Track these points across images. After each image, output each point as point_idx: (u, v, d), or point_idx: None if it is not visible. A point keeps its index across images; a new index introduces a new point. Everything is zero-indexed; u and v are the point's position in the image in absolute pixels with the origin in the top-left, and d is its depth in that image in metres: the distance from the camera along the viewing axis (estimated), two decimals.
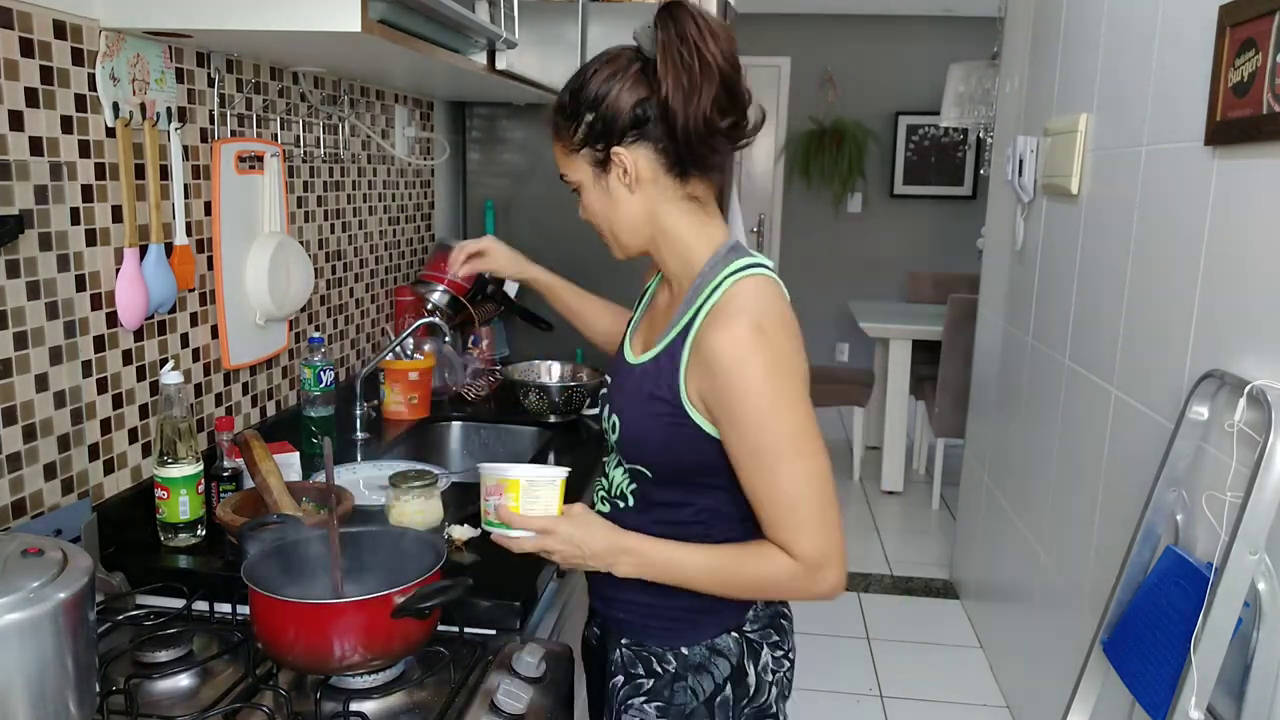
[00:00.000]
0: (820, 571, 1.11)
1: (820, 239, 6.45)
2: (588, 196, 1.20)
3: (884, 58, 6.20)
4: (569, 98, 1.17)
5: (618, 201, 1.18)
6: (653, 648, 1.25)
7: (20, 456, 1.26)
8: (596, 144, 1.16)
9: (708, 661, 1.23)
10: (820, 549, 1.11)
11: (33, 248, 1.26)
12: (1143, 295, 1.97)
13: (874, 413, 5.01)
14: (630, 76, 1.13)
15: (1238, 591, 1.38)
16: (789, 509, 1.11)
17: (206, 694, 1.11)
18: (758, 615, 1.25)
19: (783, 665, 1.28)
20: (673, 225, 1.19)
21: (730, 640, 1.23)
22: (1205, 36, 1.69)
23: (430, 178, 2.70)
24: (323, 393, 1.89)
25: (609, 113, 1.14)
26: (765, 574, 1.14)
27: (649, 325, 1.28)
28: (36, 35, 1.25)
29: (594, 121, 1.15)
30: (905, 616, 3.38)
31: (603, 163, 1.16)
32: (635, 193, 1.17)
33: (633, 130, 1.14)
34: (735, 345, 1.09)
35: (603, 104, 1.14)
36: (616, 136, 1.15)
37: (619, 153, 1.15)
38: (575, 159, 1.18)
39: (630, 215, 1.19)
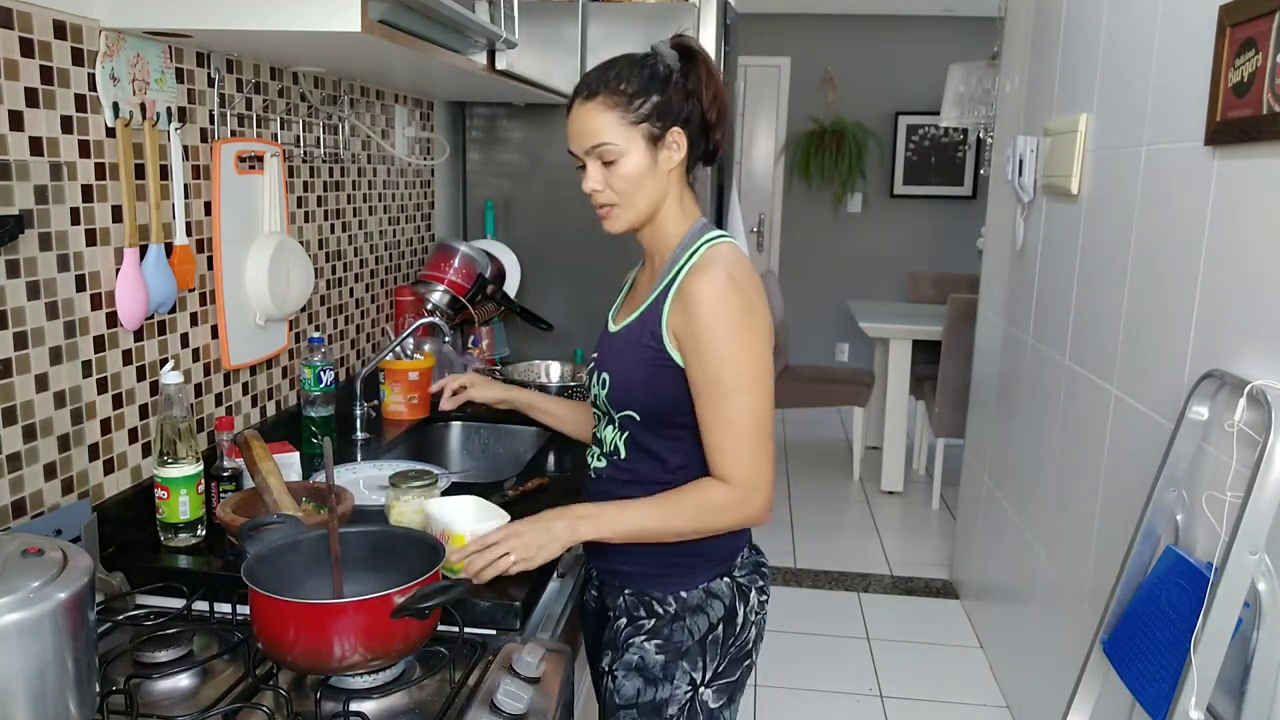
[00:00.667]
0: (751, 494, 1.30)
1: (820, 239, 6.45)
2: (631, 165, 1.33)
3: (884, 58, 6.20)
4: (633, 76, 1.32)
5: (658, 173, 1.35)
6: (653, 593, 1.40)
7: (20, 456, 1.26)
8: (657, 121, 1.32)
9: (704, 603, 1.38)
10: (753, 474, 1.29)
11: (33, 248, 1.26)
12: (1143, 295, 1.97)
13: (874, 413, 5.01)
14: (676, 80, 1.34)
15: (1238, 591, 1.38)
16: (734, 437, 1.29)
17: (206, 694, 1.11)
18: (744, 561, 1.43)
19: (764, 608, 1.45)
20: (674, 201, 1.38)
21: (724, 584, 1.40)
22: (1205, 36, 1.69)
23: (430, 178, 2.70)
24: (323, 393, 1.89)
25: (675, 97, 1.33)
26: (703, 500, 1.31)
27: (630, 301, 1.45)
28: (36, 35, 1.25)
29: (660, 103, 1.32)
30: (905, 616, 3.38)
31: (657, 138, 1.33)
32: (670, 170, 1.36)
33: (684, 119, 1.35)
34: (712, 287, 1.28)
35: (667, 91, 1.33)
36: (674, 119, 1.33)
37: (676, 133, 1.34)
38: (630, 130, 1.32)
39: (660, 186, 1.36)
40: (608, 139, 1.32)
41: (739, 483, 1.30)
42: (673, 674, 1.38)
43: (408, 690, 1.12)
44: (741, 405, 1.28)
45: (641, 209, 1.36)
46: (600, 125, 1.32)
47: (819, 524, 4.22)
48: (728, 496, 1.30)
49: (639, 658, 1.39)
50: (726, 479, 1.30)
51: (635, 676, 1.39)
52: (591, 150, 1.33)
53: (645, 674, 1.38)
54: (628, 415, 1.38)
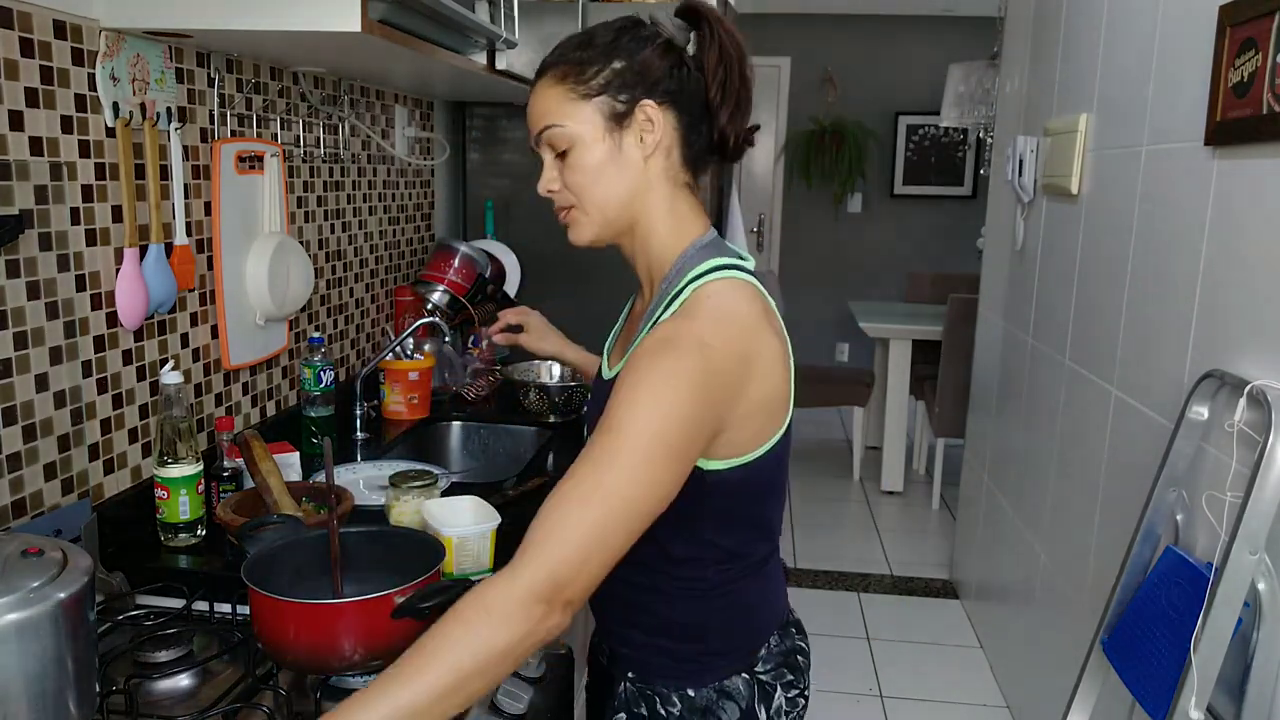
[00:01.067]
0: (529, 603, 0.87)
1: (820, 239, 6.45)
2: (585, 153, 1.04)
3: (884, 58, 6.20)
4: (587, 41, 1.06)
5: (624, 163, 1.05)
6: (658, 687, 1.15)
7: (20, 456, 1.26)
8: (620, 93, 1.03)
9: (714, 705, 1.13)
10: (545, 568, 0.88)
11: (33, 248, 1.26)
12: (1143, 295, 1.97)
13: (874, 413, 5.01)
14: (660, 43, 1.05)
15: (1238, 591, 1.38)
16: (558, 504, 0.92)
17: (206, 694, 1.11)
18: (770, 654, 1.16)
19: (796, 705, 1.18)
20: (663, 209, 1.08)
21: (740, 681, 1.14)
22: (1205, 36, 1.69)
23: (430, 178, 2.70)
24: (323, 393, 1.89)
25: (646, 62, 1.04)
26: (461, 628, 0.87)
27: (624, 338, 1.19)
28: (36, 35, 1.25)
29: (624, 70, 1.03)
30: (905, 616, 3.38)
31: (621, 116, 1.04)
32: (648, 159, 1.06)
33: (665, 91, 1.04)
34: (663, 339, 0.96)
35: (639, 54, 1.04)
36: (649, 89, 1.04)
37: (648, 106, 1.04)
38: (583, 107, 1.04)
39: (631, 182, 1.06)
40: (554, 120, 1.04)
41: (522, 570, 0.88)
42: None
43: None
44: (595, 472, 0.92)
45: (609, 213, 1.06)
46: (546, 104, 1.05)
47: (819, 524, 4.22)
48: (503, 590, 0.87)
49: None
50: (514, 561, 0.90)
51: None
52: (539, 138, 1.06)
53: None
54: None
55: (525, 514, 1.62)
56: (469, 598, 0.89)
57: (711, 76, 1.05)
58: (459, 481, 1.76)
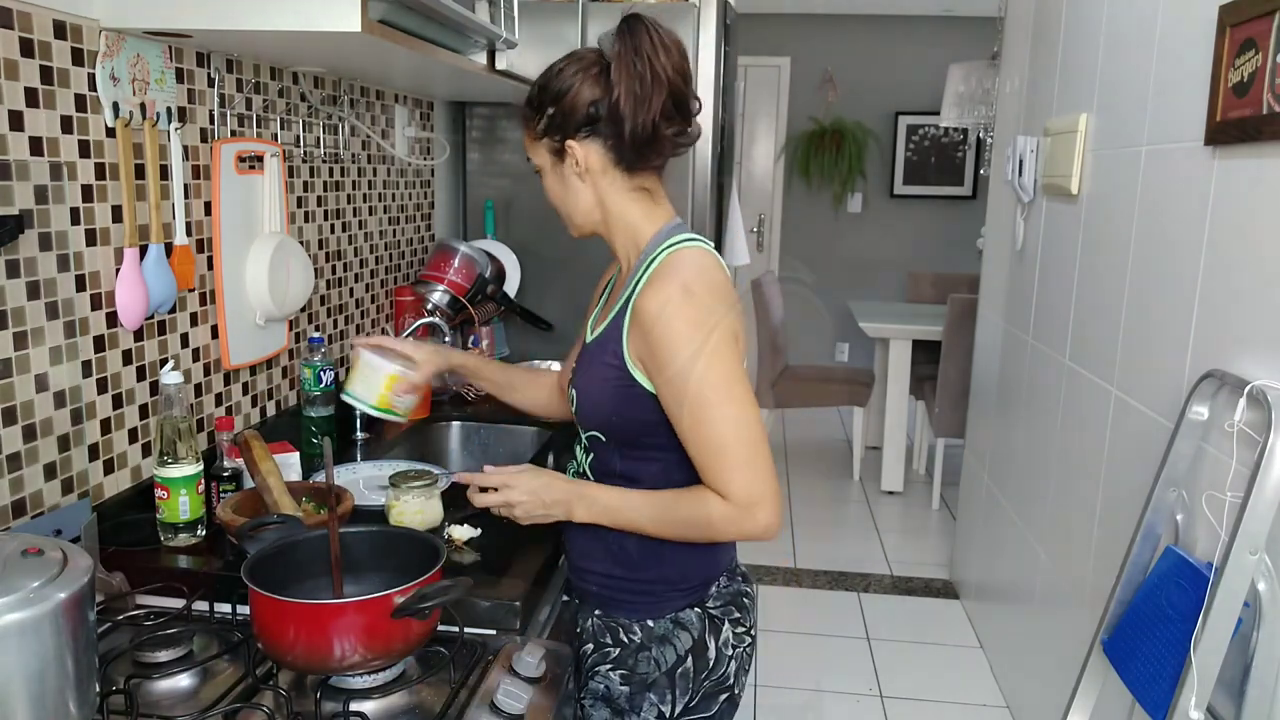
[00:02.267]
0: (752, 510, 1.20)
1: (820, 239, 6.45)
2: (546, 180, 1.33)
3: (884, 58, 6.20)
4: (537, 91, 1.29)
5: (570, 188, 1.31)
6: (620, 619, 1.35)
7: (20, 456, 1.26)
8: (554, 135, 1.28)
9: (670, 634, 1.33)
10: (749, 489, 1.20)
11: (33, 248, 1.26)
12: (1143, 295, 1.97)
13: (874, 413, 5.01)
14: (590, 77, 1.25)
15: (1238, 591, 1.38)
16: (718, 452, 1.20)
17: (206, 694, 1.11)
18: (720, 592, 1.36)
19: (744, 641, 1.37)
20: (620, 211, 1.31)
21: (693, 615, 1.33)
22: (1205, 36, 1.69)
23: (430, 178, 2.70)
24: (323, 393, 1.89)
25: (567, 108, 1.26)
26: (699, 512, 1.22)
27: (605, 308, 1.38)
28: (36, 35, 1.25)
29: (554, 115, 1.27)
30: (905, 616, 3.38)
31: (559, 152, 1.29)
32: (585, 181, 1.29)
33: (585, 127, 1.26)
34: (663, 302, 1.20)
35: (563, 99, 1.25)
36: (571, 130, 1.26)
37: (572, 145, 1.27)
38: (538, 146, 1.31)
39: (582, 200, 1.31)
40: (529, 155, 1.34)
41: (737, 500, 1.20)
42: (639, 705, 1.33)
43: (408, 690, 1.12)
44: (719, 417, 1.20)
45: (577, 219, 1.34)
46: (524, 141, 1.34)
47: (819, 524, 4.22)
48: (726, 512, 1.21)
49: (604, 687, 1.35)
50: (724, 495, 1.21)
51: (602, 707, 1.35)
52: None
53: (612, 704, 1.35)
54: (594, 435, 1.34)
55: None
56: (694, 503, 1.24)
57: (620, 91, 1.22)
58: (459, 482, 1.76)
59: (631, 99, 1.22)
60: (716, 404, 1.20)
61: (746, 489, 1.20)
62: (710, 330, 1.20)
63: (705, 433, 1.20)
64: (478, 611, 1.29)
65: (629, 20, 1.23)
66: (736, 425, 1.20)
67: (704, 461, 1.22)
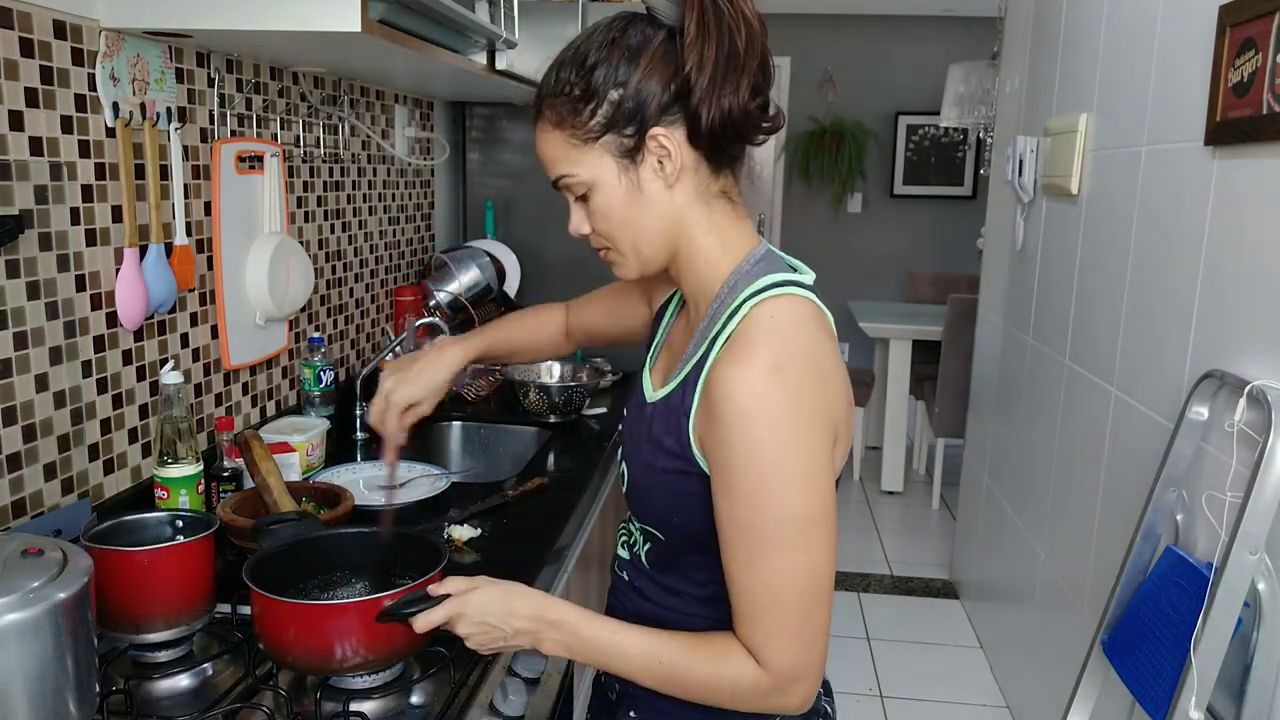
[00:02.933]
0: (789, 686, 0.92)
1: (820, 239, 6.45)
2: (605, 198, 0.95)
3: (884, 58, 6.20)
4: (577, 74, 0.94)
5: (649, 200, 0.95)
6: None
7: (20, 456, 1.26)
8: (626, 127, 0.93)
9: None
10: (794, 662, 0.91)
11: (33, 248, 1.26)
12: (1143, 295, 1.97)
13: (874, 413, 5.00)
14: (658, 46, 0.93)
15: (1238, 591, 1.38)
16: (767, 608, 0.91)
17: (206, 694, 1.11)
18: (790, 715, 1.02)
19: None
20: (702, 230, 0.98)
21: None
22: (1205, 36, 1.69)
23: (430, 178, 2.70)
24: (323, 393, 1.89)
25: (643, 87, 0.92)
26: (721, 678, 0.93)
27: (668, 355, 1.09)
28: (36, 35, 1.25)
29: (623, 98, 0.92)
30: (905, 616, 3.38)
31: (633, 151, 0.94)
32: (673, 186, 0.95)
33: (672, 108, 0.92)
34: (743, 389, 0.88)
35: (633, 78, 0.92)
36: (654, 116, 0.92)
37: (659, 135, 0.93)
38: (590, 151, 0.94)
39: (662, 217, 0.96)
40: (564, 170, 0.96)
41: (772, 670, 0.91)
42: None
43: (408, 690, 1.12)
44: (781, 564, 0.89)
45: (645, 251, 0.98)
46: (551, 152, 0.96)
47: None
48: (756, 682, 0.92)
49: None
50: (759, 660, 0.92)
51: None
52: (558, 184, 0.98)
53: None
54: (650, 531, 1.06)
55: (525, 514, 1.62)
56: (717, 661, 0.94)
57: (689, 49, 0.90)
58: (459, 482, 1.76)
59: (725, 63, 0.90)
60: (788, 546, 0.89)
61: (791, 661, 0.91)
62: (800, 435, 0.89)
63: (761, 579, 0.90)
64: None
65: None
66: (800, 579, 0.90)
67: (747, 611, 0.92)
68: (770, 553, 0.89)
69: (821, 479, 0.90)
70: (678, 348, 1.05)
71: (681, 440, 0.96)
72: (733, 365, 0.89)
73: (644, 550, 1.08)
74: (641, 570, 1.09)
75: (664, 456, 0.98)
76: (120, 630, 1.12)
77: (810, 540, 0.90)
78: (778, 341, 0.90)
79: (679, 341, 1.06)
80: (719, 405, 0.89)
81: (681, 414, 0.96)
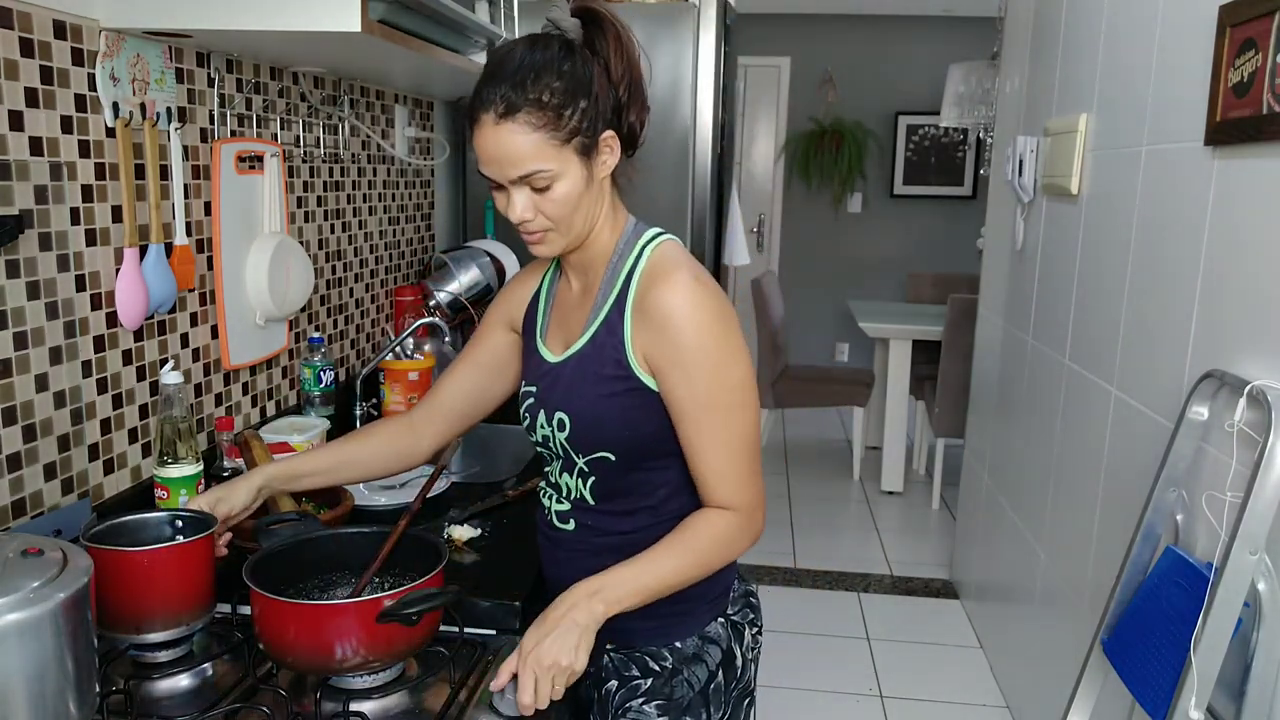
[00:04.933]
0: (754, 515, 1.17)
1: (820, 239, 6.45)
2: (567, 188, 1.12)
3: (884, 58, 6.20)
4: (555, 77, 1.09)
5: (592, 191, 1.15)
6: (645, 648, 1.24)
7: (20, 456, 1.26)
8: (588, 130, 1.11)
9: (701, 651, 1.24)
10: (755, 494, 1.17)
11: (33, 248, 1.26)
12: (1143, 295, 1.97)
13: (874, 413, 5.01)
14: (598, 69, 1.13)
15: (1238, 591, 1.38)
16: (733, 460, 1.14)
17: (206, 694, 1.11)
18: (735, 597, 1.29)
19: (758, 641, 1.32)
20: (609, 208, 1.20)
21: (718, 626, 1.26)
22: (1205, 36, 1.69)
23: (430, 178, 2.70)
24: (323, 393, 1.89)
25: (599, 101, 1.12)
26: (715, 535, 1.15)
27: (562, 321, 1.25)
28: (36, 35, 1.25)
29: (588, 107, 1.11)
30: (905, 616, 3.38)
31: (590, 149, 1.12)
32: (604, 178, 1.17)
33: (612, 118, 1.14)
34: (683, 297, 1.12)
35: (592, 88, 1.11)
36: (606, 123, 1.14)
37: (609, 137, 1.14)
38: (563, 150, 1.10)
39: (597, 201, 1.17)
40: (539, 166, 1.09)
41: (743, 507, 1.16)
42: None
43: (408, 690, 1.12)
44: (738, 424, 1.14)
45: (578, 229, 1.16)
46: (527, 150, 1.08)
47: (819, 524, 4.22)
48: (738, 524, 1.16)
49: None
50: (730, 505, 1.15)
51: None
52: (520, 179, 1.11)
53: None
54: (600, 458, 1.19)
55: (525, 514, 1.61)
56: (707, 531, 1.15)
57: (618, 81, 1.14)
58: (459, 482, 1.76)
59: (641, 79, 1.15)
60: (739, 406, 1.14)
61: (754, 496, 1.16)
62: (729, 324, 1.14)
63: (722, 440, 1.14)
64: (478, 611, 1.30)
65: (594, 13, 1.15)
66: (752, 430, 1.16)
67: (717, 468, 1.15)
68: (729, 416, 1.13)
69: (744, 350, 1.16)
70: (576, 310, 1.24)
71: (622, 363, 1.15)
72: (665, 286, 1.13)
73: (588, 488, 1.22)
74: (588, 509, 1.23)
75: (604, 383, 1.16)
76: (120, 630, 1.11)
77: (749, 398, 1.15)
78: (686, 263, 1.16)
79: (574, 304, 1.24)
80: (666, 317, 1.12)
81: (614, 345, 1.16)
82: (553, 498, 1.28)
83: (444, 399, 1.38)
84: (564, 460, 1.23)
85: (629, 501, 1.21)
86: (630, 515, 1.22)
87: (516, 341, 1.35)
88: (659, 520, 1.21)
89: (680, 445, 1.17)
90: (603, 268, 1.20)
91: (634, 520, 1.22)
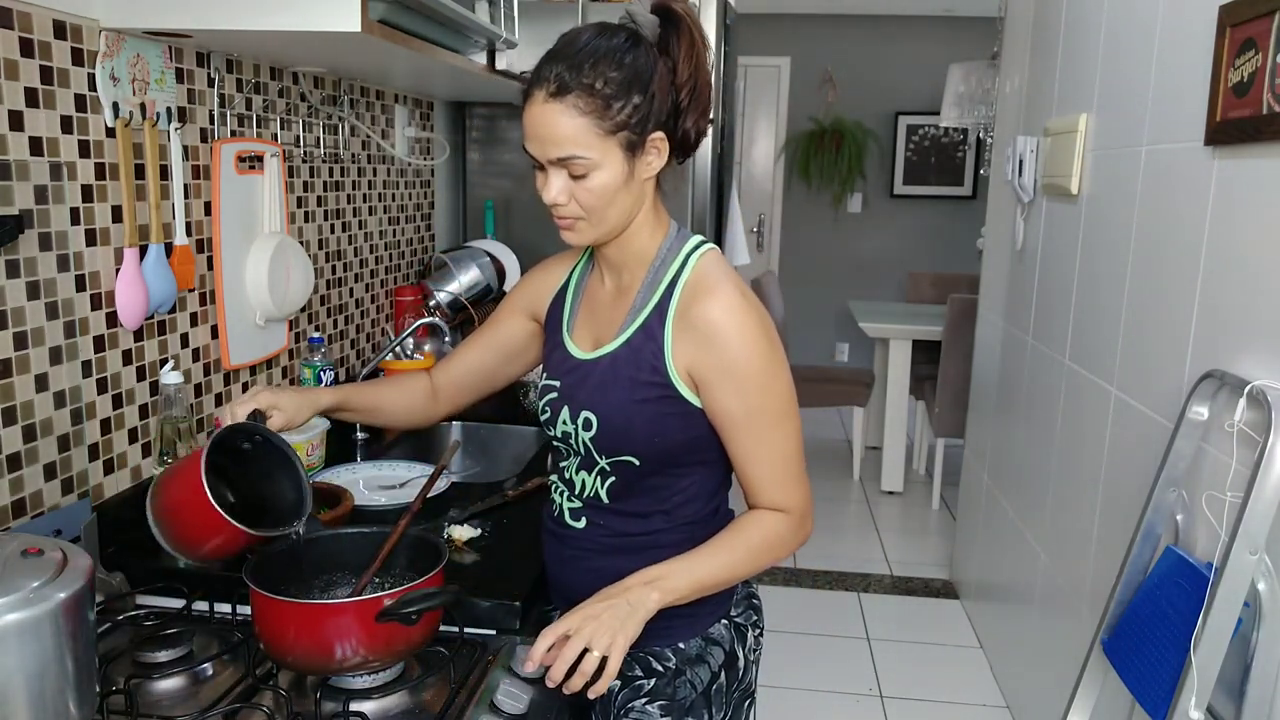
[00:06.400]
0: (805, 519, 1.20)
1: (820, 239, 6.45)
2: (605, 180, 1.10)
3: (884, 58, 6.20)
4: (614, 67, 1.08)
5: (631, 188, 1.13)
6: (649, 648, 1.23)
7: (20, 456, 1.26)
8: (637, 127, 1.10)
9: (704, 652, 1.25)
10: (806, 499, 1.20)
11: (33, 248, 1.26)
12: (1143, 295, 1.97)
13: (874, 413, 5.01)
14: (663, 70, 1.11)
15: (1238, 591, 1.38)
16: (784, 465, 1.17)
17: (206, 694, 1.11)
18: (738, 598, 1.30)
19: (760, 643, 1.34)
20: (647, 212, 1.19)
21: (722, 628, 1.26)
22: (1205, 36, 1.69)
23: (430, 178, 2.70)
24: None
25: (658, 96, 1.10)
26: (768, 536, 1.18)
27: (592, 318, 1.25)
28: (36, 35, 1.25)
29: (642, 104, 1.09)
30: (905, 616, 3.38)
31: (635, 146, 1.11)
32: (648, 178, 1.16)
33: (667, 121, 1.13)
34: (731, 312, 1.13)
35: (650, 86, 1.09)
36: (658, 124, 1.12)
37: (657, 139, 1.13)
38: (608, 140, 1.09)
39: (636, 200, 1.15)
40: (579, 152, 1.09)
41: (796, 509, 1.19)
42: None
43: (408, 690, 1.12)
44: (787, 431, 1.17)
45: (612, 223, 1.15)
46: (570, 133, 1.08)
47: (819, 524, 4.19)
48: (790, 526, 1.19)
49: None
50: (784, 508, 1.19)
51: None
52: (559, 161, 1.10)
53: None
54: (624, 461, 1.19)
55: (525, 514, 1.62)
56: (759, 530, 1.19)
57: (684, 84, 1.13)
58: (459, 481, 1.76)
59: (708, 87, 1.14)
60: (786, 415, 1.16)
61: (803, 499, 1.19)
62: (773, 336, 1.15)
63: (774, 446, 1.16)
64: (478, 611, 1.29)
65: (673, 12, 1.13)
66: (797, 436, 1.19)
67: (768, 474, 1.17)
68: (781, 423, 1.16)
69: (785, 360, 1.18)
70: (609, 309, 1.23)
71: (660, 371, 1.15)
72: (713, 301, 1.13)
73: (604, 488, 1.22)
74: (602, 508, 1.23)
75: (643, 389, 1.16)
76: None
77: (794, 406, 1.18)
78: (730, 277, 1.17)
79: (609, 303, 1.24)
80: (715, 332, 1.12)
81: (653, 351, 1.15)
82: (564, 494, 1.28)
83: (459, 373, 1.41)
84: (583, 458, 1.23)
85: (645, 504, 1.22)
86: (644, 518, 1.22)
87: (535, 330, 1.35)
88: (672, 525, 1.22)
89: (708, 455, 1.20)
90: (642, 270, 1.20)
91: (647, 523, 1.22)
